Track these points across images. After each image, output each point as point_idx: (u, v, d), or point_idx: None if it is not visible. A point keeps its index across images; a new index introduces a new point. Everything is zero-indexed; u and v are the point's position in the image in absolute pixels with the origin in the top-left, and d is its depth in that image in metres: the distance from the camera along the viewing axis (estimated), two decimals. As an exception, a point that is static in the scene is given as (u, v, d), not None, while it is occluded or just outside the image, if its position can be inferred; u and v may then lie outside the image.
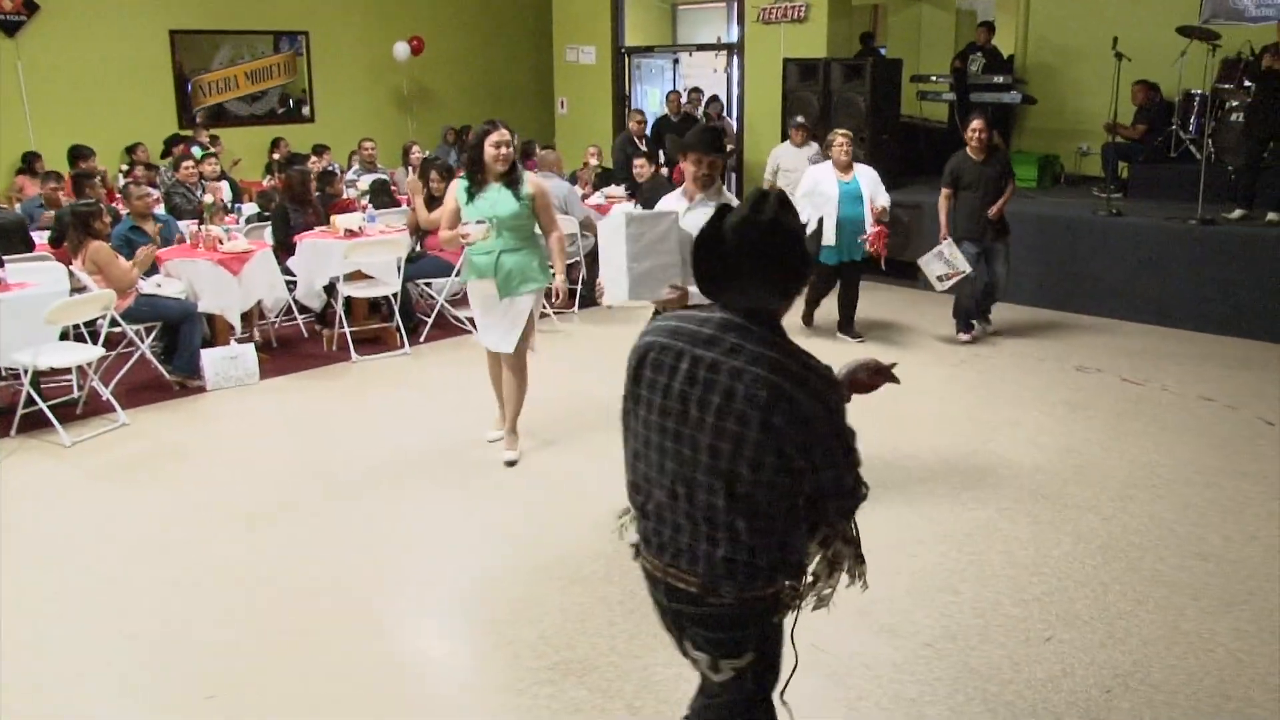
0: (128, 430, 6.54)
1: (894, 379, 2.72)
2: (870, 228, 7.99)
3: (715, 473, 2.37)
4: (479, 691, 3.80)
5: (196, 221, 8.49)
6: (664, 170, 11.09)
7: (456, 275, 8.19)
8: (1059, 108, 12.25)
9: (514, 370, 5.85)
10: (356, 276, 8.22)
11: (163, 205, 9.29)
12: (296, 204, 8.68)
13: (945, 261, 8.06)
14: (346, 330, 8.12)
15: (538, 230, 5.81)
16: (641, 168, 10.70)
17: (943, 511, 5.27)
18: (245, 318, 8.03)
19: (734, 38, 13.51)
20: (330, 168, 10.83)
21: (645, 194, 10.36)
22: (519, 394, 5.91)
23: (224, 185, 10.22)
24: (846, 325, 8.66)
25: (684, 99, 13.00)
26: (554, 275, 5.84)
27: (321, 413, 6.96)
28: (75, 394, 6.92)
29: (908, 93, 12.08)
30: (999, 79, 11.65)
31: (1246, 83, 9.68)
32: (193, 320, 7.38)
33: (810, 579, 2.60)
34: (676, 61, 15.35)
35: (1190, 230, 8.93)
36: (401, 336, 8.30)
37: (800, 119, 10.44)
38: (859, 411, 2.55)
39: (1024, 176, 11.54)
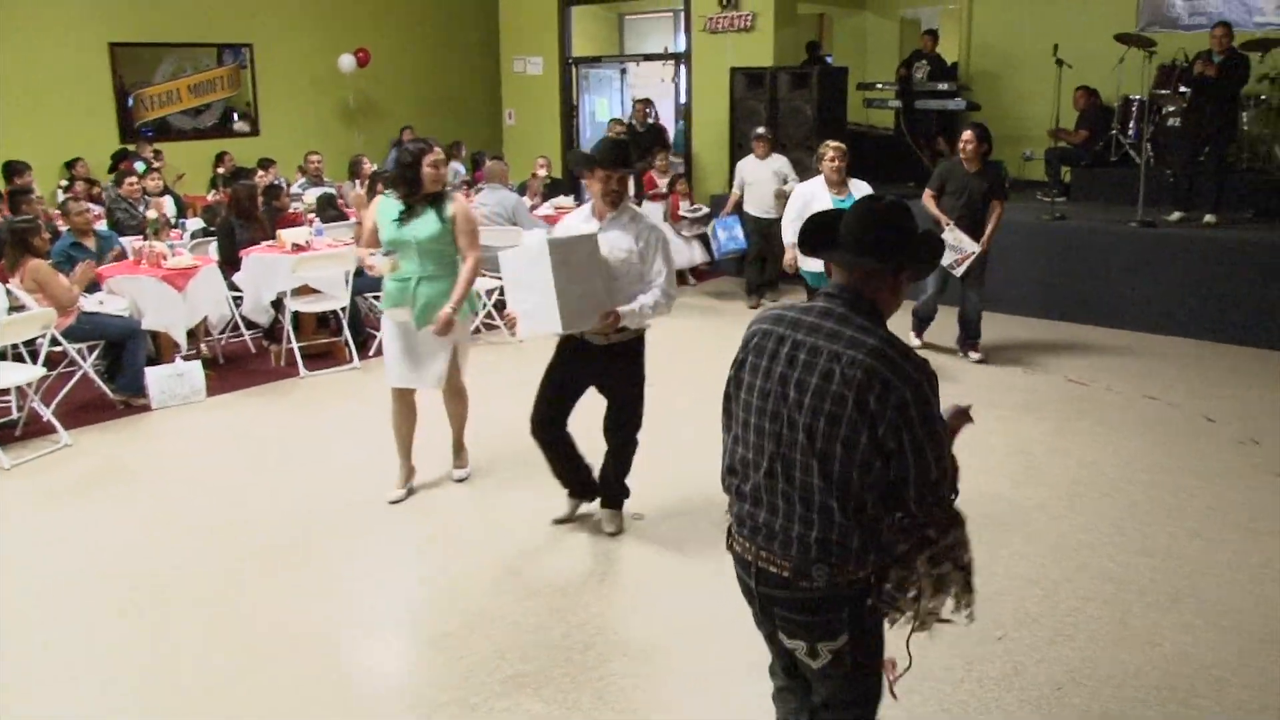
0: (71, 451, 6.43)
1: (970, 419, 2.75)
2: None
3: (811, 452, 2.47)
4: (433, 706, 3.76)
5: (140, 237, 8.37)
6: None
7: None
8: (1002, 114, 12.40)
9: (452, 395, 5.68)
10: (304, 291, 8.14)
11: (105, 221, 9.15)
12: (243, 219, 8.59)
13: (951, 247, 7.73)
14: (295, 345, 8.04)
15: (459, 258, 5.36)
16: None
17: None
18: (191, 334, 7.92)
19: (681, 47, 13.56)
20: (277, 182, 10.73)
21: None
22: (462, 415, 5.79)
23: (167, 200, 10.09)
24: None
25: (648, 109, 12.81)
26: (450, 304, 5.20)
27: (270, 429, 6.88)
28: (15, 415, 6.79)
29: (854, 100, 12.21)
30: (943, 86, 11.81)
31: (1182, 89, 9.87)
32: (136, 338, 7.27)
33: (913, 594, 2.59)
34: (624, 71, 15.38)
35: (1131, 233, 9.09)
36: (350, 351, 8.23)
37: (761, 130, 10.19)
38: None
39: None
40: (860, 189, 7.28)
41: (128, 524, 5.34)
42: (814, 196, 7.17)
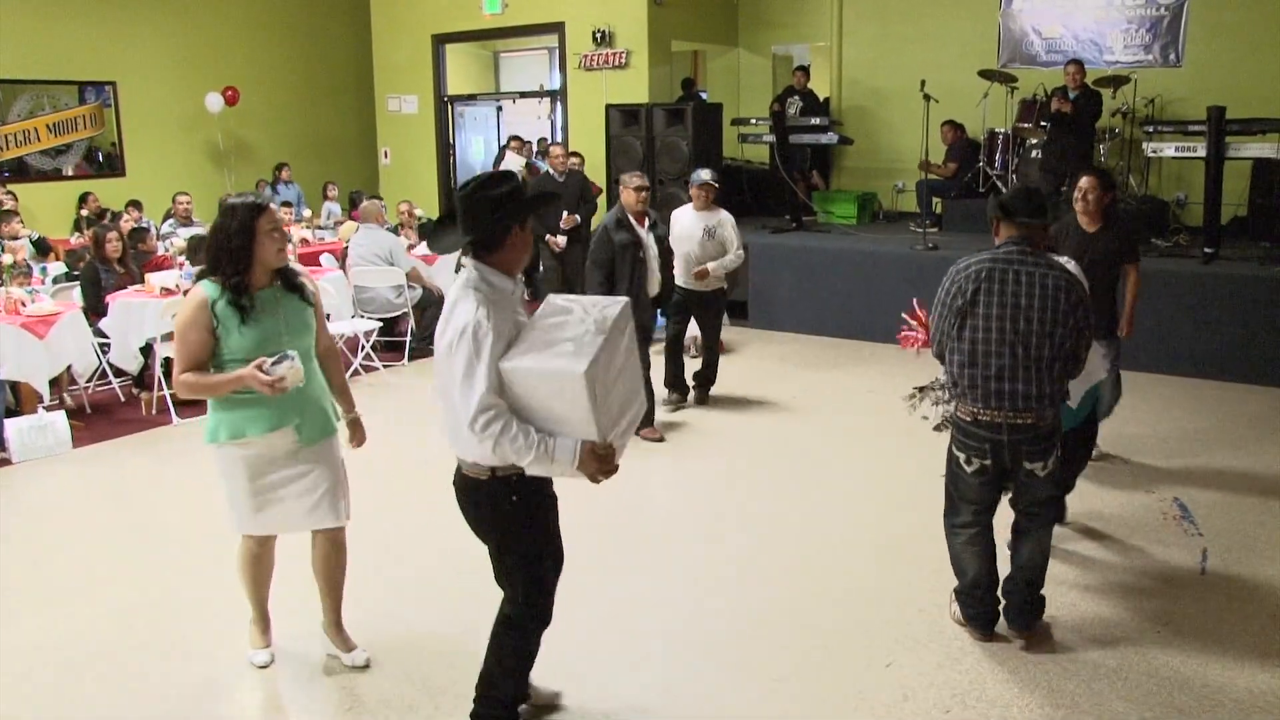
0: (-77, 510, 6.08)
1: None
2: None
3: (1045, 336, 3.90)
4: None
5: (-5, 283, 8.01)
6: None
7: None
8: (874, 147, 12.75)
9: (339, 544, 4.15)
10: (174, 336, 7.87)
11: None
12: (106, 262, 8.29)
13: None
14: (166, 392, 7.76)
15: None
16: None
17: (783, 545, 5.34)
18: (54, 384, 7.60)
19: (556, 85, 13.60)
20: (143, 224, 10.40)
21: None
22: (343, 572, 4.22)
23: (23, 243, 9.66)
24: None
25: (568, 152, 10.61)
26: (353, 414, 4.18)
27: (141, 479, 6.61)
28: None
29: (729, 135, 12.38)
30: (816, 121, 12.05)
31: (1043, 122, 10.27)
32: (-6, 388, 6.94)
33: None
34: (500, 109, 15.37)
35: (1000, 261, 9.36)
36: (225, 396, 7.96)
37: (705, 175, 7.58)
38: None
39: (843, 214, 11.97)
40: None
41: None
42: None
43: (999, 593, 4.34)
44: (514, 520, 3.32)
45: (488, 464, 3.20)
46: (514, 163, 12.13)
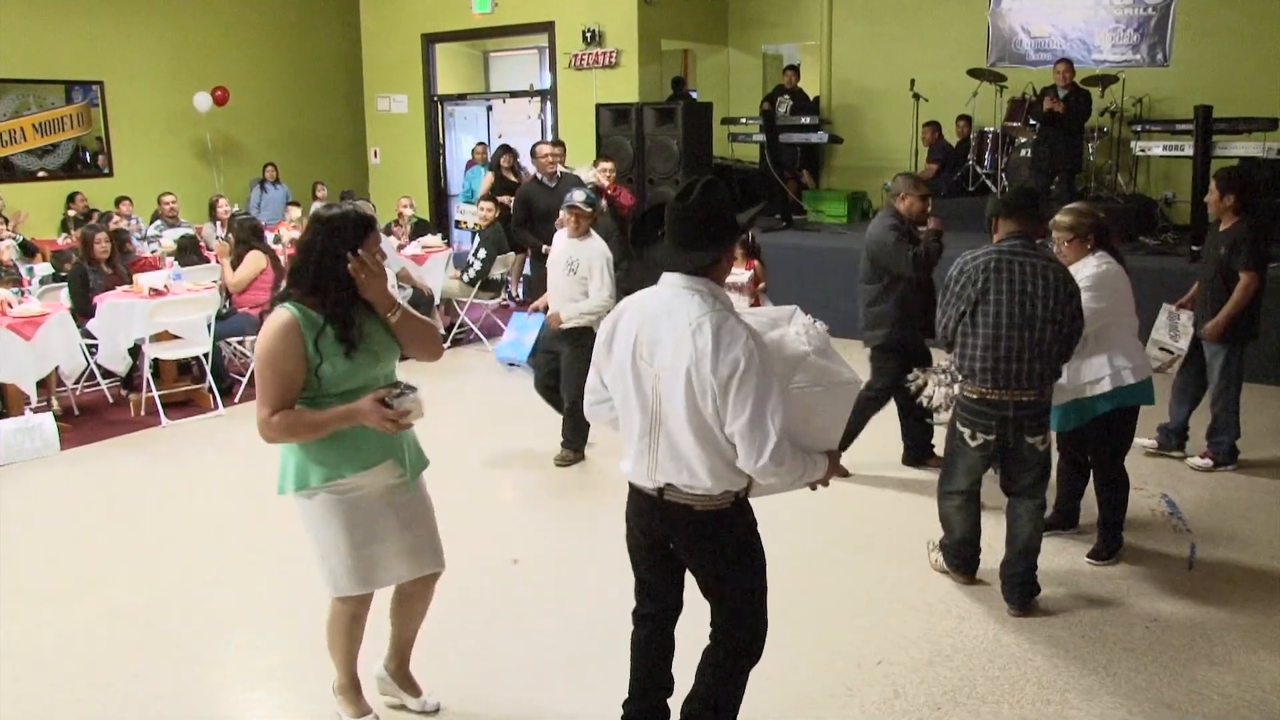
0: (-90, 512, 6.05)
1: None
2: None
3: (1050, 320, 4.25)
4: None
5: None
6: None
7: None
8: (864, 146, 12.76)
9: (432, 589, 3.70)
10: (163, 337, 7.85)
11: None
12: (94, 263, 8.25)
13: (1154, 341, 6.39)
14: (155, 394, 7.73)
15: None
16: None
17: (777, 545, 5.33)
18: (42, 385, 7.57)
19: (546, 84, 13.60)
20: (130, 222, 10.36)
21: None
22: (424, 618, 3.80)
23: (7, 245, 9.60)
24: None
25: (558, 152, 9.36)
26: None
27: (130, 482, 6.58)
28: None
29: (719, 134, 12.39)
30: (806, 120, 12.07)
31: (1032, 121, 10.29)
32: (-20, 390, 6.90)
33: None
34: (490, 109, 15.35)
35: (989, 259, 9.38)
36: (215, 398, 7.96)
37: (577, 197, 6.32)
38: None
39: (834, 213, 11.98)
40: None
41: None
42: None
43: (1000, 574, 4.64)
44: (753, 536, 3.27)
45: (735, 489, 3.07)
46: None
